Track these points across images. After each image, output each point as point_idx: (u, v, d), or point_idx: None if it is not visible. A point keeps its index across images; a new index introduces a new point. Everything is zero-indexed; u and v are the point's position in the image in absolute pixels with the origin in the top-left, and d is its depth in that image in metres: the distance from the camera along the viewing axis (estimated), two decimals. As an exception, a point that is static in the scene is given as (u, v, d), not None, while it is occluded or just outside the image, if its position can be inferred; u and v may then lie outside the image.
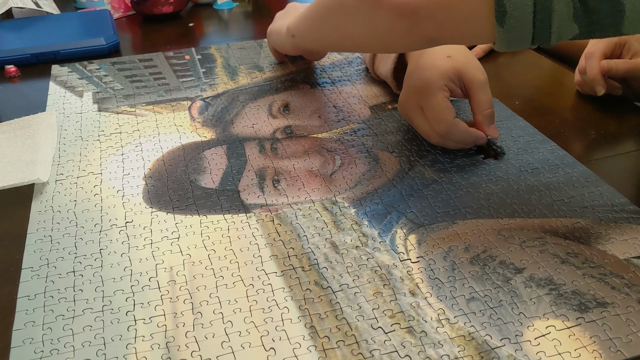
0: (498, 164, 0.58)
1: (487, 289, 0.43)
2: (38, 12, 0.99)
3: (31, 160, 0.60)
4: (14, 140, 0.64)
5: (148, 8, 1.00)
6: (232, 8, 1.08)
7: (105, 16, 0.96)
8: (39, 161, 0.60)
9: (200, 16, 1.04)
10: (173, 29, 0.98)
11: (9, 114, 0.70)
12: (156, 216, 0.52)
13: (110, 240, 0.49)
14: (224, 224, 0.51)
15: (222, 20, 1.04)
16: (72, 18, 0.97)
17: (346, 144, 0.62)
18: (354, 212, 0.52)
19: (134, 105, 0.71)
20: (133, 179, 0.57)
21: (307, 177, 0.57)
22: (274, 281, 0.45)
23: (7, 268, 0.47)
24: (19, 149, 0.62)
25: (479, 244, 0.48)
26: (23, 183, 0.57)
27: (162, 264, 0.46)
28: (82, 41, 0.86)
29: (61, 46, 0.85)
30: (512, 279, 0.44)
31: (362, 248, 0.48)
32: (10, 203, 0.55)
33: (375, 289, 0.44)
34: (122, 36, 0.95)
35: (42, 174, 0.57)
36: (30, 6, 0.98)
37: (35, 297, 0.44)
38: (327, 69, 0.79)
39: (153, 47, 0.91)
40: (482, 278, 0.44)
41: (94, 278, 0.45)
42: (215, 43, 0.91)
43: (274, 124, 0.67)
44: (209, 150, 0.62)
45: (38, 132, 0.65)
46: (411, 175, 0.57)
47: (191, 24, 1.01)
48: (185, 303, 0.43)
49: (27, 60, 0.84)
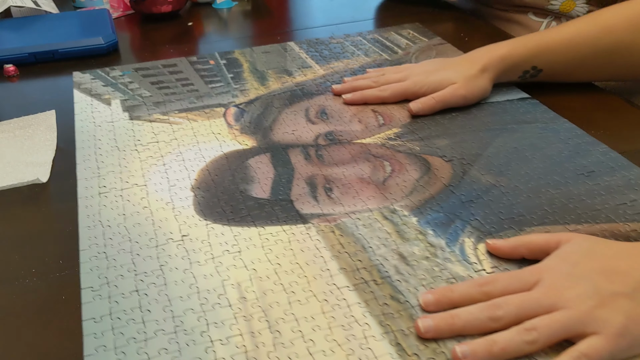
0: (553, 168, 0.57)
1: (569, 299, 0.42)
2: (37, 11, 0.98)
3: (31, 161, 0.59)
4: (13, 141, 0.63)
5: (147, 7, 0.98)
6: (231, 7, 1.07)
7: (104, 15, 0.95)
8: (38, 162, 0.59)
9: (199, 15, 1.03)
10: (172, 28, 0.98)
11: (7, 113, 0.70)
12: (212, 229, 0.50)
13: (170, 256, 0.47)
14: (283, 235, 0.49)
15: (222, 20, 1.03)
16: (70, 17, 0.96)
17: (393, 149, 0.61)
18: (416, 221, 0.50)
19: (167, 113, 0.69)
20: (180, 190, 0.55)
21: (360, 185, 0.56)
22: (348, 296, 0.43)
23: (7, 267, 0.47)
24: (18, 149, 0.62)
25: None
26: (22, 183, 0.56)
27: (229, 280, 0.45)
28: (80, 40, 0.85)
29: (60, 45, 0.84)
30: (592, 287, 0.43)
31: (432, 259, 0.46)
32: (10, 203, 0.54)
33: (454, 301, 0.42)
34: (121, 35, 0.94)
35: (42, 174, 0.57)
36: (29, 5, 0.97)
37: (102, 319, 0.42)
38: (357, 71, 0.78)
39: (152, 47, 0.90)
40: (562, 287, 0.43)
41: (160, 297, 0.43)
42: (215, 42, 0.91)
43: (314, 129, 0.65)
44: (253, 159, 0.60)
45: (37, 133, 0.65)
46: (467, 181, 0.55)
47: (190, 23, 1.00)
48: (261, 321, 0.41)
49: (26, 59, 0.83)
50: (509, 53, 0.67)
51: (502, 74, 0.68)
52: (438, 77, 0.68)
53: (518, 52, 0.67)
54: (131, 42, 0.94)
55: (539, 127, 0.64)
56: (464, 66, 0.68)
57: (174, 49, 0.89)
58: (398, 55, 0.82)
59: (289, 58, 0.83)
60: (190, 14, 1.04)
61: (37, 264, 0.48)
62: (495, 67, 0.67)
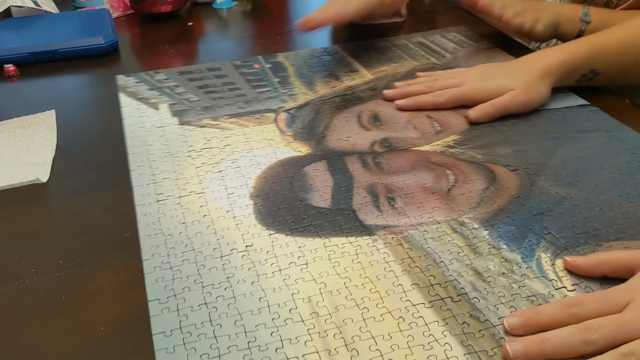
0: (623, 179, 0.55)
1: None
2: (37, 11, 0.98)
3: (31, 161, 0.59)
4: (13, 140, 0.63)
5: (147, 7, 0.98)
6: (231, 7, 1.07)
7: (104, 15, 0.95)
8: (38, 162, 0.59)
9: (199, 15, 1.03)
10: (172, 28, 0.97)
11: (7, 113, 0.70)
12: (276, 239, 0.49)
13: (235, 267, 0.46)
14: (350, 247, 0.48)
15: (222, 20, 1.02)
16: (71, 17, 0.96)
17: (453, 157, 0.59)
18: (487, 234, 0.49)
19: (216, 118, 0.68)
20: (239, 198, 0.54)
21: (424, 195, 0.54)
22: (425, 313, 0.41)
23: (7, 267, 0.47)
24: (18, 149, 0.61)
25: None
26: (22, 183, 0.56)
27: (298, 294, 0.43)
28: (80, 40, 0.85)
29: (60, 45, 0.85)
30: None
31: (510, 275, 0.44)
32: (10, 203, 0.54)
33: (537, 320, 0.40)
34: (121, 35, 0.93)
35: (42, 174, 0.57)
36: (29, 5, 0.97)
37: (172, 333, 0.40)
38: (406, 76, 0.76)
39: (152, 47, 0.90)
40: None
41: (230, 310, 0.42)
42: (215, 42, 0.90)
43: (368, 136, 0.64)
44: (310, 166, 0.59)
45: (37, 133, 0.65)
46: (536, 192, 0.53)
47: (190, 23, 0.99)
48: (336, 338, 0.40)
49: (26, 59, 0.83)
50: (569, 57, 0.65)
51: (561, 78, 0.66)
52: (496, 83, 0.66)
53: (577, 56, 0.65)
54: (131, 42, 0.94)
55: (603, 135, 0.62)
56: (522, 72, 0.66)
57: (174, 49, 0.89)
58: (447, 59, 0.81)
59: (334, 62, 0.82)
60: (190, 14, 1.03)
61: (37, 264, 0.48)
62: (555, 72, 0.65)
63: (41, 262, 0.48)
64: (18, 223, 0.52)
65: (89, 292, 0.45)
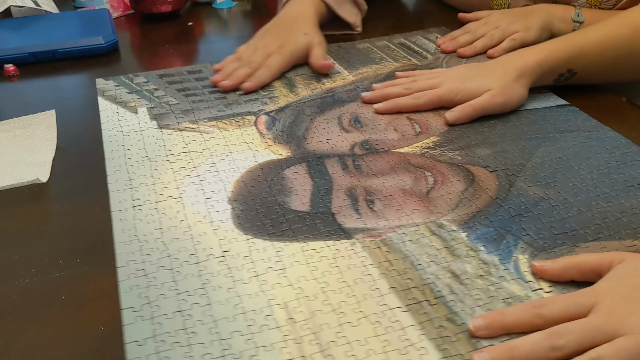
0: (601, 179, 0.55)
1: (635, 321, 0.40)
2: (37, 11, 0.97)
3: (30, 161, 0.59)
4: (13, 140, 0.63)
5: (147, 7, 0.98)
6: (231, 7, 1.06)
7: (104, 15, 0.95)
8: (38, 162, 0.58)
9: (199, 15, 1.03)
10: (172, 28, 0.97)
11: (7, 113, 0.70)
12: (253, 244, 0.48)
13: (211, 273, 0.45)
14: (328, 252, 0.47)
15: (222, 20, 1.02)
16: (70, 17, 0.96)
17: (433, 158, 0.59)
18: (466, 236, 0.48)
19: (196, 122, 0.67)
20: (217, 202, 0.53)
21: (403, 197, 0.54)
22: (402, 317, 0.41)
23: (6, 267, 0.47)
24: (18, 149, 0.61)
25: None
26: (22, 183, 0.56)
27: (275, 300, 0.43)
28: (80, 40, 0.85)
29: (60, 45, 0.84)
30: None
31: (487, 277, 0.44)
32: (10, 203, 0.54)
33: (513, 323, 0.40)
34: (121, 35, 0.93)
35: (42, 174, 0.57)
36: (29, 5, 0.96)
37: (145, 342, 0.40)
38: (387, 77, 0.76)
39: (152, 47, 0.90)
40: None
41: (205, 318, 0.41)
42: (215, 42, 0.90)
43: (349, 138, 0.63)
44: (289, 170, 0.58)
45: (37, 133, 0.64)
46: (514, 193, 0.53)
47: (190, 23, 0.99)
48: (312, 344, 0.39)
49: (26, 59, 0.83)
50: (545, 57, 0.65)
51: (538, 79, 0.66)
52: (474, 84, 0.66)
53: (555, 56, 0.66)
54: (131, 42, 0.94)
55: (582, 136, 0.62)
56: (500, 72, 0.66)
57: (174, 49, 0.88)
58: (428, 60, 0.80)
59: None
60: (190, 14, 1.03)
61: (37, 264, 0.47)
62: (532, 72, 0.65)
63: (41, 262, 0.48)
64: (18, 223, 0.52)
65: (88, 292, 0.45)
